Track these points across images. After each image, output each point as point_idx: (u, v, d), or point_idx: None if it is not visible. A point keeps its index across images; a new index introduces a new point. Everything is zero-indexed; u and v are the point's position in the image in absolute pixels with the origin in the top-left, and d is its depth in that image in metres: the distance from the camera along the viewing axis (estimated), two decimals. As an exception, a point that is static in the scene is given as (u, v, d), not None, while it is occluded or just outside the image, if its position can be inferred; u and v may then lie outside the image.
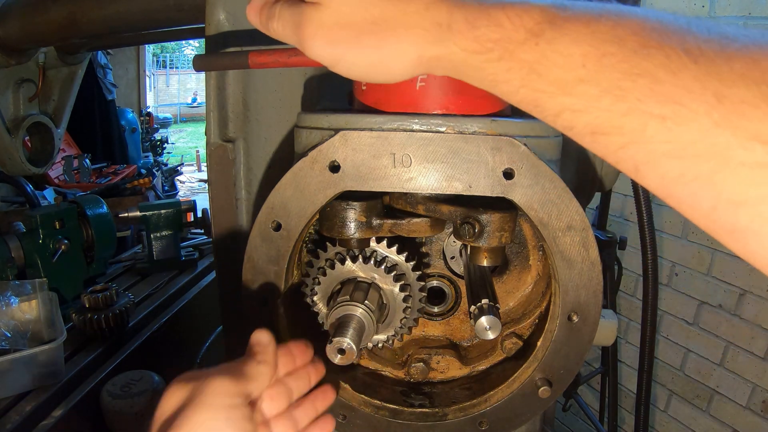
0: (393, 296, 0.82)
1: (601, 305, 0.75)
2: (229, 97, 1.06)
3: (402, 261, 0.83)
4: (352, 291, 0.78)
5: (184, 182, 11.20)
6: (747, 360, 2.70)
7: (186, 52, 24.43)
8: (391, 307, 0.82)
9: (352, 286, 0.79)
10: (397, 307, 0.82)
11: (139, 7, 1.43)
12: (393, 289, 0.81)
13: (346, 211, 0.75)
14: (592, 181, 1.12)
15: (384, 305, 0.82)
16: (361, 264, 0.81)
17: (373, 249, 0.82)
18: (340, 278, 0.82)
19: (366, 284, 0.80)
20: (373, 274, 0.81)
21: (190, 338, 2.27)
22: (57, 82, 2.11)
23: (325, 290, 0.83)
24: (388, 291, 0.81)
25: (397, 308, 0.82)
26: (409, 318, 0.84)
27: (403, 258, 0.83)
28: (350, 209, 0.75)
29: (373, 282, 0.81)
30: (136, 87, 7.74)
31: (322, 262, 0.84)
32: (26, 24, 1.63)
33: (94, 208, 2.24)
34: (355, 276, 0.81)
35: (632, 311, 3.25)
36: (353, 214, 0.75)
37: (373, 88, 0.74)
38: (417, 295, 0.85)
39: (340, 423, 0.88)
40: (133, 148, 6.29)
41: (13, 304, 1.68)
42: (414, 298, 0.85)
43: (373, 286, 0.80)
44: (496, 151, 0.67)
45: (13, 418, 1.45)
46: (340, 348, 0.71)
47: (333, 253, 0.84)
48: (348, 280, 0.81)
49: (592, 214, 2.74)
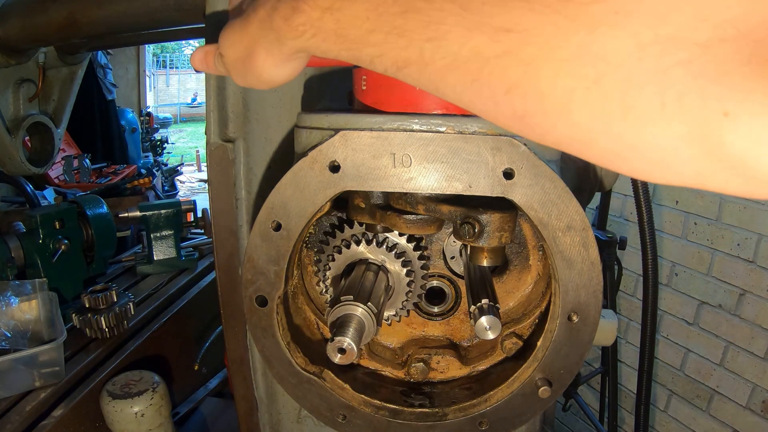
0: (399, 279, 0.90)
1: (601, 305, 0.75)
2: (229, 97, 1.06)
3: (410, 248, 0.91)
4: (365, 270, 0.85)
5: (184, 182, 11.20)
6: (747, 360, 2.70)
7: (186, 52, 24.43)
8: (395, 290, 0.91)
9: (364, 266, 0.86)
10: (401, 289, 0.91)
11: (139, 7, 1.43)
12: (400, 273, 0.89)
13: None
14: (592, 181, 1.12)
15: (390, 287, 0.90)
16: (374, 247, 0.88)
17: (385, 235, 0.89)
18: (353, 258, 0.89)
19: (376, 265, 0.88)
20: (382, 257, 0.89)
21: (190, 338, 2.28)
22: (57, 82, 2.11)
23: (338, 268, 0.90)
24: (395, 273, 0.89)
25: (401, 290, 0.91)
26: (410, 301, 0.92)
27: (412, 247, 0.91)
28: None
29: (383, 264, 0.89)
30: (136, 87, 7.75)
31: (338, 241, 0.91)
32: (26, 24, 1.63)
33: (94, 208, 2.24)
34: (366, 257, 0.89)
35: (632, 311, 3.25)
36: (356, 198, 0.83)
37: (373, 88, 0.74)
38: (419, 281, 0.92)
39: (340, 423, 0.88)
40: (133, 148, 6.30)
41: (13, 304, 1.68)
42: (416, 283, 0.92)
43: (383, 267, 0.88)
44: (496, 151, 0.67)
45: (13, 418, 1.45)
46: (340, 347, 0.71)
47: (349, 235, 0.90)
48: (360, 261, 0.88)
49: (592, 214, 2.74)
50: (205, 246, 2.81)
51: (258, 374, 1.22)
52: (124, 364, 1.81)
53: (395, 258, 0.89)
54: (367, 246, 0.89)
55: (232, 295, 1.19)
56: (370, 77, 0.74)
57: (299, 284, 0.95)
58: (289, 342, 0.84)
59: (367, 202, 0.82)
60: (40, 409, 1.51)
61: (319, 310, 0.98)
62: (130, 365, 1.82)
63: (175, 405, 2.02)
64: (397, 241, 0.90)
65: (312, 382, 0.85)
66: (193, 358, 2.13)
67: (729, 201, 2.69)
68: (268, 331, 0.82)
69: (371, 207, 0.82)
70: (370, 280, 0.84)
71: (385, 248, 0.88)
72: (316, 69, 1.05)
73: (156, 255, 2.49)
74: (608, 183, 1.13)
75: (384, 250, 0.88)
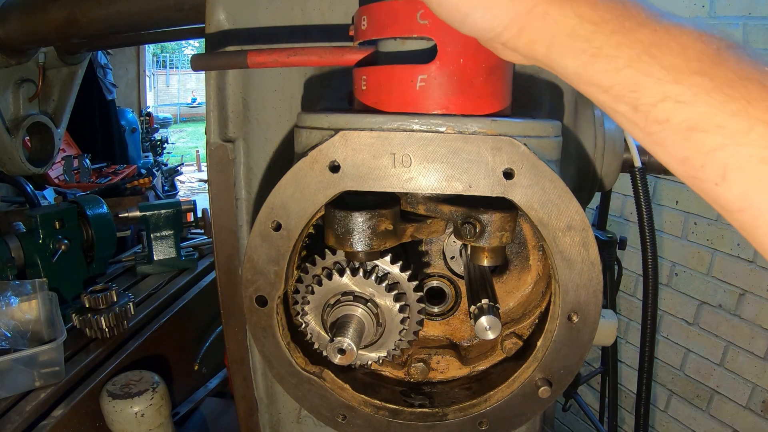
0: (391, 315, 0.78)
1: (601, 305, 0.75)
2: (229, 97, 1.06)
3: (404, 279, 0.79)
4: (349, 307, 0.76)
5: (184, 182, 11.20)
6: (747, 360, 2.70)
7: (186, 52, 24.43)
8: (387, 327, 0.79)
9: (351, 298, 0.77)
10: (393, 328, 0.79)
11: (139, 7, 1.43)
12: (391, 308, 0.77)
13: (373, 219, 0.70)
14: (592, 181, 1.12)
15: (380, 324, 0.78)
16: (361, 278, 0.76)
17: (374, 263, 0.78)
18: (335, 291, 0.78)
19: (364, 299, 0.77)
20: (370, 289, 0.77)
21: (190, 338, 2.28)
22: (57, 82, 2.11)
23: (318, 301, 0.78)
24: (385, 308, 0.77)
25: (394, 328, 0.79)
26: (404, 340, 0.81)
27: (406, 276, 0.79)
28: (380, 218, 0.70)
29: (371, 298, 0.77)
30: (136, 87, 7.74)
31: (318, 270, 0.80)
32: (26, 24, 1.63)
33: (94, 208, 2.24)
34: (351, 290, 0.77)
35: (632, 311, 3.25)
36: (382, 223, 0.71)
37: (374, 88, 0.74)
38: (415, 317, 0.82)
39: (340, 423, 0.88)
40: (133, 148, 6.29)
41: (13, 304, 1.68)
42: (411, 320, 0.81)
43: (371, 302, 0.77)
44: (496, 151, 0.67)
45: (13, 418, 1.45)
46: (340, 348, 0.71)
47: (331, 263, 0.79)
48: (345, 294, 0.78)
49: (592, 214, 2.73)
50: (205, 246, 2.81)
51: (258, 374, 1.22)
52: (124, 364, 1.81)
53: (386, 291, 0.76)
54: (353, 277, 0.76)
55: (232, 295, 1.19)
56: (370, 77, 0.74)
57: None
58: (289, 342, 0.84)
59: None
60: (40, 409, 1.51)
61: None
62: (130, 365, 1.82)
63: (175, 405, 2.02)
64: (388, 270, 0.78)
65: (312, 382, 0.85)
66: (193, 358, 2.13)
67: (729, 201, 2.68)
68: (268, 331, 0.82)
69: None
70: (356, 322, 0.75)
71: (374, 279, 0.76)
72: (316, 69, 1.05)
73: (156, 255, 2.49)
74: (608, 183, 1.13)
75: (373, 281, 0.77)
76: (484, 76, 0.70)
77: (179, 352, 2.14)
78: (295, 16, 1.01)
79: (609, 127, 1.10)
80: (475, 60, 0.69)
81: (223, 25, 1.03)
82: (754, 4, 2.44)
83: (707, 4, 2.60)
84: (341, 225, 0.70)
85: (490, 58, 0.70)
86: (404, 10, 0.68)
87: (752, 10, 2.45)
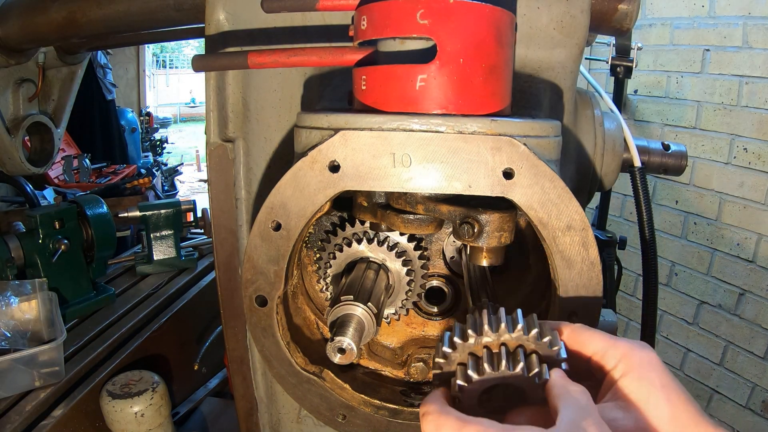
0: (399, 277, 0.92)
1: (601, 305, 0.75)
2: (228, 97, 1.06)
3: (411, 248, 0.92)
4: (365, 269, 0.87)
5: (184, 182, 11.19)
6: (747, 360, 2.70)
7: (186, 52, 24.43)
8: (395, 289, 0.92)
9: (364, 265, 0.88)
10: (401, 289, 0.92)
11: (139, 7, 1.42)
12: (400, 271, 0.91)
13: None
14: (592, 181, 1.12)
15: (390, 285, 0.91)
16: (375, 246, 0.89)
17: (387, 234, 0.90)
18: (353, 257, 0.90)
19: (377, 264, 0.89)
20: (383, 255, 0.90)
21: (190, 338, 2.28)
22: (57, 82, 2.11)
23: (338, 266, 0.91)
24: (395, 272, 0.91)
25: (401, 289, 0.93)
26: (409, 299, 0.94)
27: (412, 246, 0.92)
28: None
29: (383, 263, 0.90)
30: (136, 87, 7.75)
31: (339, 239, 0.92)
32: (26, 24, 1.63)
33: (94, 208, 2.23)
34: (367, 256, 0.91)
35: (632, 311, 3.25)
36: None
37: (373, 88, 0.74)
38: (419, 280, 0.94)
39: (340, 423, 0.88)
40: (133, 148, 6.30)
41: (13, 304, 1.68)
42: (416, 282, 0.93)
43: (383, 266, 0.90)
44: (496, 151, 0.67)
45: (13, 418, 1.45)
46: (340, 347, 0.71)
47: (350, 233, 0.92)
48: (360, 259, 0.90)
49: (592, 214, 2.74)
50: (205, 246, 2.81)
51: (258, 374, 1.21)
52: (124, 364, 1.81)
53: (396, 257, 0.90)
54: (368, 245, 0.90)
55: (232, 295, 1.19)
56: (369, 77, 0.74)
57: (299, 284, 0.95)
58: (288, 342, 0.84)
59: (369, 201, 0.82)
60: (40, 409, 1.51)
61: (319, 309, 0.98)
62: (130, 365, 1.82)
63: (175, 405, 2.01)
64: (398, 240, 0.92)
65: (312, 381, 0.86)
66: (193, 358, 2.13)
67: (729, 201, 2.68)
68: (268, 331, 0.82)
69: (373, 206, 0.82)
70: (371, 279, 0.85)
71: (386, 247, 0.90)
72: (316, 69, 1.05)
73: (156, 255, 2.49)
74: (608, 183, 1.13)
75: (385, 249, 0.90)
76: (484, 76, 0.70)
77: (179, 352, 2.14)
78: (295, 17, 1.01)
79: (609, 127, 1.10)
80: (474, 60, 0.69)
81: (223, 26, 1.03)
82: (754, 4, 2.44)
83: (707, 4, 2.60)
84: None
85: (490, 58, 0.70)
86: (404, 10, 0.68)
87: (752, 10, 2.45)
